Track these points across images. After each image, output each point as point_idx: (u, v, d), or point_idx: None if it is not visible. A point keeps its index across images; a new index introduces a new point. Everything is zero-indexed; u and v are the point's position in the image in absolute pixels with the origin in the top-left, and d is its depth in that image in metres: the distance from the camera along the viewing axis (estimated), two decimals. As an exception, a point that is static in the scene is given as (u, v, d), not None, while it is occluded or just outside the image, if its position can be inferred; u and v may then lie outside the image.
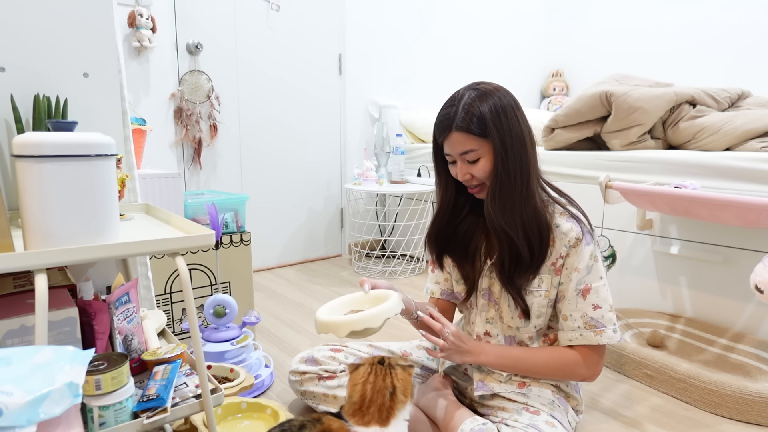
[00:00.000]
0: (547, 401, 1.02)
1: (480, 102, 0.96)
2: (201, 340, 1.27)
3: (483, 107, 0.95)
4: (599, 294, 0.99)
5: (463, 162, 0.99)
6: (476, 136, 0.95)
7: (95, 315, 0.85)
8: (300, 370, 1.20)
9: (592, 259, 0.99)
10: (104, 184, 0.74)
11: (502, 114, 0.96)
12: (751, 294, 1.55)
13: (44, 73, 0.99)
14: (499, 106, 0.96)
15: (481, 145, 0.96)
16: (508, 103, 0.97)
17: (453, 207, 1.09)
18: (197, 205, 1.66)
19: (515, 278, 1.01)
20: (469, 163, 0.98)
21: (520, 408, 1.01)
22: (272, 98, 2.58)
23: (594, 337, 0.98)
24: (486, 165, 0.97)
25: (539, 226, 0.98)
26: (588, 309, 0.99)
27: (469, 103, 0.96)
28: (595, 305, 0.99)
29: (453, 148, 0.99)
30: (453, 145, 0.98)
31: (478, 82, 1.01)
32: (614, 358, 1.49)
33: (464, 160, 0.98)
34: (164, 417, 0.77)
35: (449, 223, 1.10)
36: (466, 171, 0.99)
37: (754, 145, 1.68)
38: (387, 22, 2.92)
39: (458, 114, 0.96)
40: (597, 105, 1.96)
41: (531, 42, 3.64)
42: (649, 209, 1.64)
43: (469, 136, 0.96)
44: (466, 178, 1.00)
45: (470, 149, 0.96)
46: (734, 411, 1.23)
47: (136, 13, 2.04)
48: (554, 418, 0.97)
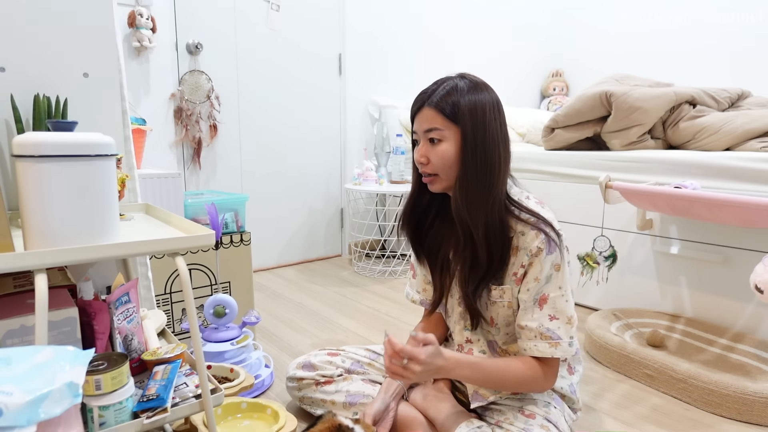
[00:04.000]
0: (542, 404, 1.01)
1: (463, 90, 0.95)
2: (201, 340, 1.27)
3: (464, 96, 0.95)
4: (556, 305, 0.95)
5: (425, 141, 0.98)
6: (446, 117, 0.95)
7: (95, 315, 0.85)
8: (297, 377, 1.20)
9: (553, 268, 0.95)
10: (104, 184, 0.74)
11: (481, 108, 0.95)
12: (751, 294, 1.55)
13: (44, 73, 0.99)
14: (481, 101, 0.95)
15: (448, 128, 0.95)
16: (491, 101, 0.97)
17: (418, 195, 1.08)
18: (197, 205, 1.66)
19: (470, 284, 0.99)
20: (431, 144, 0.97)
21: (516, 411, 1.00)
22: (272, 98, 2.58)
23: (548, 348, 0.95)
24: (447, 151, 0.96)
25: (502, 231, 0.96)
26: (544, 319, 0.96)
27: (452, 86, 0.96)
28: (551, 316, 0.95)
29: (420, 125, 0.98)
30: (421, 121, 0.98)
31: (470, 74, 1.01)
32: (614, 358, 1.49)
33: (427, 139, 0.98)
34: (164, 417, 0.77)
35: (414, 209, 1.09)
36: (425, 152, 0.98)
37: (754, 145, 1.68)
38: (387, 22, 2.91)
39: (437, 92, 0.96)
40: (597, 105, 1.96)
41: (531, 42, 3.64)
42: (649, 209, 1.64)
43: (439, 115, 0.95)
44: (421, 161, 0.99)
45: (435, 127, 0.95)
46: (734, 411, 1.23)
47: (136, 13, 2.04)
48: (549, 422, 0.96)
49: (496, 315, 1.03)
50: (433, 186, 1.01)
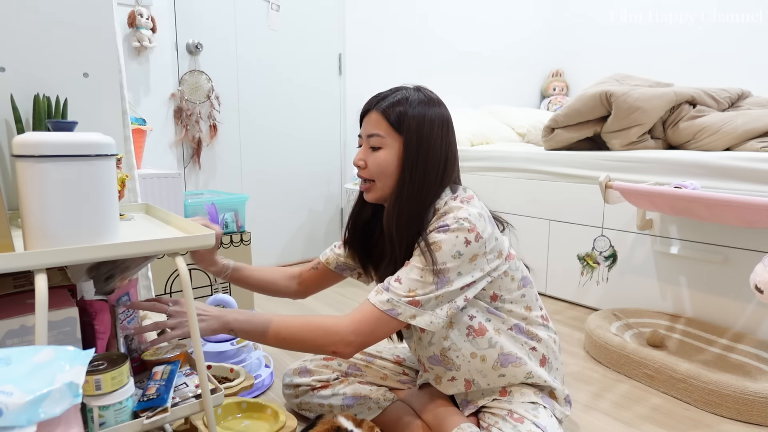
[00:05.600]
0: (530, 406, 0.99)
1: (414, 102, 0.95)
2: (201, 340, 1.27)
3: (414, 108, 0.95)
4: (410, 273, 0.90)
5: (366, 146, 0.99)
6: (390, 125, 0.95)
7: (95, 315, 0.85)
8: (293, 383, 1.20)
9: (434, 246, 0.90)
10: (104, 184, 0.74)
11: (429, 123, 0.95)
12: (751, 294, 1.55)
13: (44, 73, 0.99)
14: (430, 116, 0.96)
15: (391, 137, 0.95)
16: (440, 118, 0.97)
17: (361, 204, 1.09)
18: (197, 205, 1.66)
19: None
20: (371, 149, 0.97)
21: (505, 414, 0.99)
22: (272, 98, 2.58)
23: (372, 294, 0.92)
24: (385, 159, 0.95)
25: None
26: (392, 278, 0.92)
27: (404, 97, 0.96)
28: (398, 278, 0.91)
29: (365, 128, 0.99)
30: (366, 124, 0.98)
31: (426, 88, 1.01)
32: (614, 358, 1.49)
33: (368, 144, 0.98)
34: (164, 417, 0.77)
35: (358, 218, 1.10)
36: (363, 156, 0.98)
37: (754, 145, 1.68)
38: (387, 22, 2.91)
39: (387, 99, 0.96)
40: (597, 105, 1.96)
41: (531, 42, 3.64)
42: (649, 209, 1.64)
43: (383, 122, 0.95)
44: (359, 164, 0.99)
45: (377, 133, 0.96)
46: (734, 411, 1.23)
47: (136, 13, 2.04)
48: (538, 427, 0.94)
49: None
50: (368, 194, 1.01)
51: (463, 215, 0.91)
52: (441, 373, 1.03)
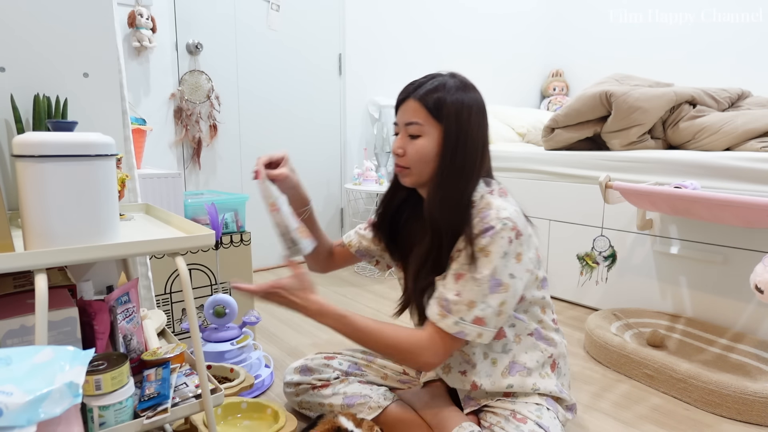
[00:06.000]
0: (534, 407, 0.99)
1: (452, 89, 0.94)
2: (201, 340, 1.27)
3: (452, 94, 0.93)
4: (467, 285, 0.91)
5: (404, 134, 0.97)
6: (429, 113, 0.94)
7: (95, 315, 0.85)
8: (294, 381, 1.20)
9: (482, 252, 0.90)
10: (104, 184, 0.74)
11: (467, 110, 0.94)
12: (751, 294, 1.55)
13: (44, 73, 0.99)
14: (468, 101, 0.94)
15: (429, 124, 0.94)
16: (477, 104, 0.96)
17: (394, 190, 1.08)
18: (197, 205, 1.66)
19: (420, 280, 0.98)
20: (410, 137, 0.96)
21: (508, 414, 0.99)
22: (272, 98, 2.58)
23: (435, 315, 0.92)
24: (424, 147, 0.95)
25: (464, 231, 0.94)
26: (450, 292, 0.92)
27: (440, 83, 0.95)
28: (458, 292, 0.91)
29: (402, 116, 0.97)
30: (404, 112, 0.97)
31: (460, 74, 1.00)
32: (614, 358, 1.49)
33: (406, 132, 0.97)
34: (164, 417, 0.77)
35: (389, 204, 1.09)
36: (402, 144, 0.97)
37: (754, 145, 1.68)
38: (387, 22, 2.91)
39: (424, 86, 0.95)
40: (597, 105, 1.96)
41: (531, 42, 3.64)
42: (649, 209, 1.64)
43: (422, 110, 0.94)
44: (398, 152, 0.98)
45: (416, 121, 0.94)
46: (734, 411, 1.23)
47: (136, 13, 2.04)
48: (541, 427, 0.95)
49: None
50: (403, 178, 1.00)
51: (505, 215, 0.91)
52: (455, 363, 1.03)
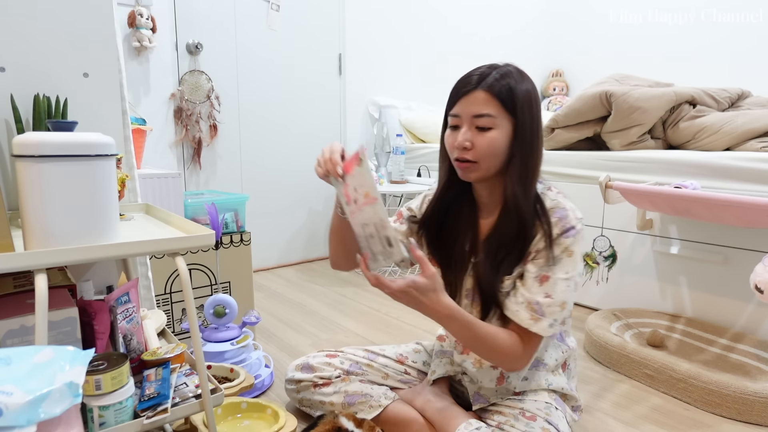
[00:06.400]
0: (543, 405, 1.00)
1: (519, 79, 0.91)
2: (201, 340, 1.27)
3: (520, 84, 0.90)
4: (556, 287, 0.91)
5: (471, 127, 0.91)
6: (501, 104, 0.89)
7: (95, 315, 0.85)
8: (296, 378, 1.20)
9: (565, 253, 0.91)
10: (104, 184, 0.74)
11: (534, 102, 0.92)
12: (751, 294, 1.55)
13: (44, 73, 0.99)
14: (532, 93, 0.92)
15: (501, 117, 0.90)
16: (536, 93, 0.94)
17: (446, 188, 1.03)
18: (197, 205, 1.66)
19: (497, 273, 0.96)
20: (478, 130, 0.91)
21: (517, 413, 0.99)
22: (272, 98, 2.58)
23: (527, 320, 0.90)
24: (496, 140, 0.90)
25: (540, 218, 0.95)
26: (539, 294, 0.91)
27: (506, 72, 0.90)
28: (547, 294, 0.91)
29: (469, 107, 0.90)
30: (471, 103, 0.90)
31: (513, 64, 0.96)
32: (614, 358, 1.49)
33: (473, 125, 0.91)
34: (164, 417, 0.77)
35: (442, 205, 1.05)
36: (469, 138, 0.91)
37: (754, 145, 1.68)
38: (387, 22, 2.91)
39: (492, 75, 0.90)
40: (597, 105, 1.96)
41: (531, 42, 3.64)
42: (649, 209, 1.64)
43: (494, 101, 0.89)
44: (465, 145, 0.91)
45: (488, 113, 0.89)
46: (734, 411, 1.23)
47: (136, 13, 2.04)
48: (550, 424, 0.95)
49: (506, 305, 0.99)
50: (469, 174, 0.94)
51: (580, 215, 0.93)
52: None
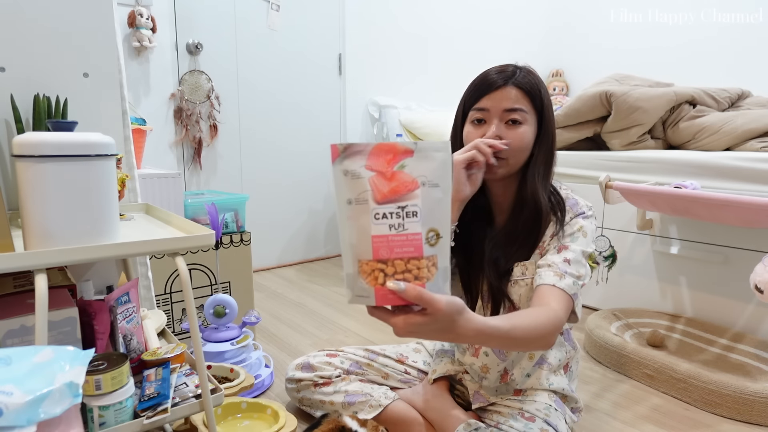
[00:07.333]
0: (543, 406, 1.00)
1: (539, 76, 0.96)
2: (201, 340, 1.27)
3: (542, 84, 0.96)
4: (574, 255, 0.93)
5: (502, 122, 0.92)
6: (531, 101, 0.93)
7: (95, 315, 0.85)
8: (296, 378, 1.20)
9: (580, 232, 0.95)
10: (104, 184, 0.74)
11: (549, 100, 0.97)
12: (751, 294, 1.55)
13: (44, 73, 0.99)
14: (546, 92, 0.96)
15: (530, 111, 0.93)
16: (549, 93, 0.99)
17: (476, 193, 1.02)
18: (197, 205, 1.66)
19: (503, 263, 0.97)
20: (510, 124, 0.92)
21: (515, 413, 0.99)
22: (272, 98, 2.58)
23: (552, 277, 0.90)
24: (526, 134, 0.93)
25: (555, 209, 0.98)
26: (558, 260, 0.92)
27: (530, 70, 0.95)
28: (566, 259, 0.92)
29: (500, 102, 0.91)
30: (502, 99, 0.91)
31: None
32: (614, 358, 1.49)
33: (504, 119, 0.92)
34: (164, 417, 0.77)
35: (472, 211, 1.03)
36: (500, 132, 0.92)
37: (754, 145, 1.68)
38: (387, 22, 2.91)
39: (520, 73, 0.93)
40: (597, 105, 1.96)
41: (531, 42, 3.64)
42: (649, 209, 1.64)
43: (525, 97, 0.92)
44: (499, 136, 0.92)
45: (520, 108, 0.91)
46: (734, 411, 1.23)
47: (136, 13, 2.04)
48: (549, 425, 0.95)
49: (518, 297, 0.99)
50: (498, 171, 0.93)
51: (590, 205, 0.99)
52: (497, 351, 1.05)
